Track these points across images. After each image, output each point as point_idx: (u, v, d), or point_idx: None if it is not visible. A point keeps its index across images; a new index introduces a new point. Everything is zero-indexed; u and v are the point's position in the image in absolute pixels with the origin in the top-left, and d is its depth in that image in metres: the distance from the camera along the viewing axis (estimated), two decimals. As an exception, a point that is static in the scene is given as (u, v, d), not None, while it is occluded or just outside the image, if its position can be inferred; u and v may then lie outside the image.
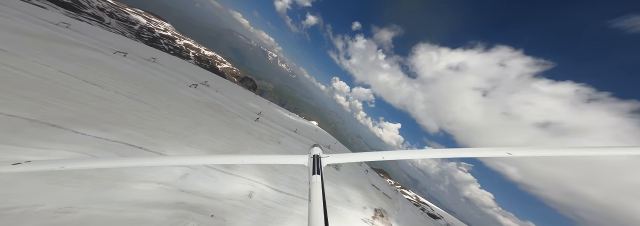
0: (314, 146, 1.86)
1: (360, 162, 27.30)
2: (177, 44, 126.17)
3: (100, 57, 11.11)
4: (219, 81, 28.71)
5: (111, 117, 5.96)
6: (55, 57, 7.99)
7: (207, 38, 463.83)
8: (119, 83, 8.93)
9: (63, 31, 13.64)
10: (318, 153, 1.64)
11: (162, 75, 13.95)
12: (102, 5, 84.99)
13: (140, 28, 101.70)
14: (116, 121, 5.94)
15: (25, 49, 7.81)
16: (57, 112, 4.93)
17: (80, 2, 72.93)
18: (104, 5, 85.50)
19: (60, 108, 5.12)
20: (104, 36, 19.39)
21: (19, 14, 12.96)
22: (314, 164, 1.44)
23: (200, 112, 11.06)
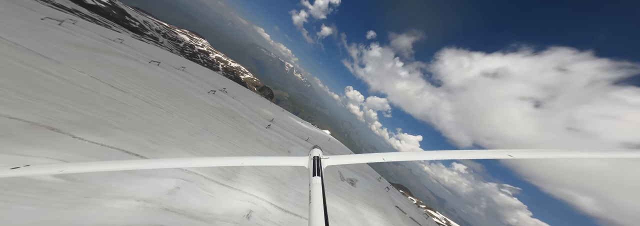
0: (314, 147, 1.79)
1: (379, 178, 24.59)
2: (210, 58, 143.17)
3: (135, 65, 12.06)
4: (238, 89, 30.06)
5: (120, 121, 5.76)
6: (93, 65, 8.64)
7: (234, 52, 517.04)
8: (142, 88, 9.21)
9: (114, 45, 15.58)
10: (318, 155, 1.59)
11: (185, 82, 14.67)
12: (159, 27, 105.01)
13: (184, 45, 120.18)
14: (124, 125, 5.71)
15: (69, 58, 8.37)
16: (68, 115, 4.78)
17: (144, 26, 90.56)
18: (160, 28, 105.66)
19: (72, 112, 5.00)
20: (148, 50, 21.96)
21: (84, 32, 15.18)
22: (315, 166, 1.39)
23: (212, 117, 10.93)
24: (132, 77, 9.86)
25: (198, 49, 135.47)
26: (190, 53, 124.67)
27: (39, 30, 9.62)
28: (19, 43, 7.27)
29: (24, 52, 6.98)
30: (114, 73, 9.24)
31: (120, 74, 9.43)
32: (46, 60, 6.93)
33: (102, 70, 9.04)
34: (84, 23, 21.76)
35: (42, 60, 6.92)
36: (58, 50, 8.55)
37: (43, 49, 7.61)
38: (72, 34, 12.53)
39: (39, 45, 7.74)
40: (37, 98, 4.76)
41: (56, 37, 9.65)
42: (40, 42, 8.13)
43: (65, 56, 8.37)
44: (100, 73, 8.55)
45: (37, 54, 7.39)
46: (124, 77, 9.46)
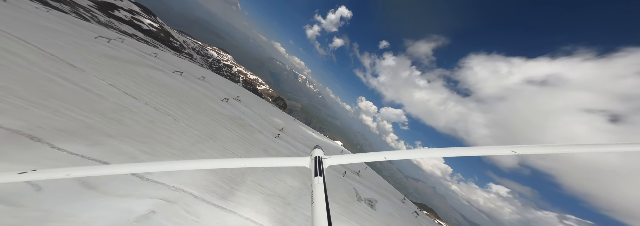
0: (316, 148, 1.73)
1: (403, 199, 21.25)
2: (233, 71, 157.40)
3: (158, 75, 12.63)
4: (252, 98, 30.77)
5: (118, 129, 5.31)
6: (117, 74, 8.96)
7: (254, 65, 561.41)
8: (156, 96, 9.16)
9: (148, 58, 17.05)
10: (320, 155, 1.55)
11: (202, 91, 14.99)
12: (194, 46, 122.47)
13: (212, 61, 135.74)
14: (121, 133, 5.22)
15: (97, 67, 8.62)
16: (62, 122, 4.39)
17: (183, 45, 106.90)
18: (195, 47, 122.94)
19: (69, 119, 4.64)
20: (178, 63, 23.92)
21: (126, 48, 16.89)
22: (316, 166, 1.35)
23: (221, 125, 10.47)
24: (150, 85, 10.03)
25: (224, 64, 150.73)
26: (217, 67, 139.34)
27: (86, 45, 10.66)
28: (55, 54, 7.60)
29: (54, 61, 7.20)
30: (134, 82, 9.39)
31: (140, 82, 9.60)
32: (72, 69, 7.13)
33: (124, 78, 9.20)
34: (131, 41, 24.87)
35: (68, 69, 7.10)
36: (91, 61, 8.96)
37: (76, 59, 8.00)
38: (113, 49, 13.87)
39: (75, 57, 8.19)
40: (39, 105, 4.51)
41: (96, 51, 10.44)
42: (78, 55, 8.67)
43: (93, 66, 8.67)
44: (120, 81, 8.65)
45: (67, 63, 7.62)
46: (143, 85, 9.60)
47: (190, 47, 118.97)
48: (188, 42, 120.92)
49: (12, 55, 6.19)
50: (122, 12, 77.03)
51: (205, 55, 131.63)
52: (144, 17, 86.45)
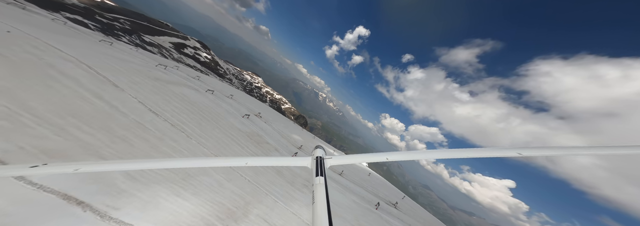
0: (317, 147, 1.68)
1: None
2: (262, 91, 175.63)
3: (191, 93, 13.56)
4: (273, 114, 31.36)
5: (114, 149, 4.87)
6: (154, 92, 9.58)
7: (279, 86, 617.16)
8: (179, 112, 9.20)
9: (190, 80, 19.30)
10: (321, 155, 1.52)
11: (226, 107, 15.42)
12: (234, 71, 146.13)
13: (246, 83, 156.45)
14: (116, 153, 4.71)
15: (137, 87, 9.19)
16: (55, 142, 4.14)
17: (226, 72, 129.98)
18: (234, 72, 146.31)
19: (68, 138, 4.41)
20: (215, 84, 26.77)
21: (176, 73, 19.53)
22: (317, 166, 1.32)
23: (235, 142, 9.75)
24: (179, 102, 10.35)
25: (255, 85, 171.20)
26: (250, 89, 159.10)
27: (141, 70, 12.36)
28: (107, 76, 8.32)
29: (100, 82, 7.77)
30: (164, 99, 9.72)
31: (170, 100, 9.96)
32: (113, 88, 7.64)
33: (156, 96, 9.55)
34: (184, 68, 29.47)
35: (110, 88, 7.56)
36: (135, 81, 9.76)
37: (123, 80, 8.79)
38: (165, 73, 16.04)
39: (123, 78, 9.07)
40: (48, 123, 4.42)
41: (147, 75, 11.81)
42: (127, 77, 9.66)
43: (135, 86, 9.28)
44: (151, 98, 8.92)
45: (112, 84, 8.15)
46: (172, 102, 9.89)
47: (231, 72, 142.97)
48: (230, 69, 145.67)
49: (66, 77, 6.75)
50: (188, 49, 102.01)
51: (241, 78, 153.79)
52: (202, 51, 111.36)
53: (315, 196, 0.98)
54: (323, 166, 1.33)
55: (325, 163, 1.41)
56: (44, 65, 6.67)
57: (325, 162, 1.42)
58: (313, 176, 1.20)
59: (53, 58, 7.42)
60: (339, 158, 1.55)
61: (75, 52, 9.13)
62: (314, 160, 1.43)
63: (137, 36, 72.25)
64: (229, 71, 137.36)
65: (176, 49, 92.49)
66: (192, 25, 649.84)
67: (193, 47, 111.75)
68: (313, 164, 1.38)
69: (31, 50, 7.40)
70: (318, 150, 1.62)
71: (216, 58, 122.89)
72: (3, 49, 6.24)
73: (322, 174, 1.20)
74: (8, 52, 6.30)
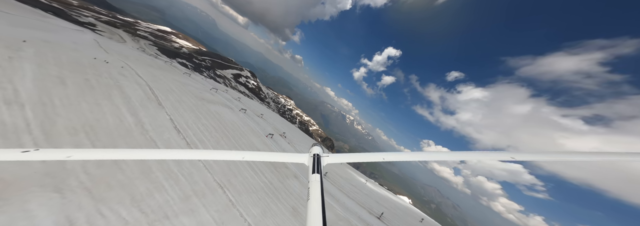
0: (314, 145, 1.71)
1: None
2: (293, 113, 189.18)
3: (224, 111, 14.28)
4: (298, 135, 30.39)
5: (93, 175, 4.12)
6: (190, 110, 10.17)
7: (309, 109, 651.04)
8: (204, 129, 9.14)
9: (231, 101, 21.46)
10: (318, 152, 1.54)
11: (252, 125, 15.36)
12: (272, 95, 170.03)
13: (281, 106, 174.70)
14: (80, 184, 3.89)
15: (178, 105, 9.82)
16: (26, 170, 3.53)
17: (266, 96, 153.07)
18: (272, 96, 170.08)
19: (42, 163, 3.87)
20: (251, 105, 29.28)
21: (222, 94, 22.22)
22: (314, 163, 1.36)
23: (248, 166, 8.61)
24: (209, 120, 10.51)
25: (287, 108, 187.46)
26: (283, 110, 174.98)
27: (193, 91, 14.10)
28: (158, 95, 9.17)
29: (149, 99, 8.32)
30: (197, 116, 9.97)
31: (201, 117, 10.22)
32: (155, 105, 8.15)
33: (191, 113, 9.83)
34: (232, 92, 34.18)
35: (152, 105, 8.03)
36: (181, 101, 10.65)
37: (169, 99, 9.63)
38: (212, 95, 18.21)
39: (170, 97, 9.97)
40: (48, 140, 4.12)
41: (195, 95, 13.24)
42: (175, 95, 10.68)
43: (177, 104, 9.98)
44: (185, 115, 9.14)
45: (157, 101, 8.73)
46: (202, 119, 10.07)
47: (269, 96, 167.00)
48: (269, 93, 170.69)
49: (122, 97, 7.49)
50: (242, 78, 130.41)
51: (277, 101, 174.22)
52: (251, 79, 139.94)
53: (310, 193, 0.99)
54: (320, 163, 1.36)
55: (322, 161, 1.43)
56: (114, 87, 7.80)
57: (322, 160, 1.43)
58: (309, 173, 1.21)
59: (128, 83, 8.84)
60: (335, 157, 1.58)
61: (150, 78, 11.02)
62: (311, 157, 1.45)
63: (212, 71, 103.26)
64: (268, 95, 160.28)
65: (234, 78, 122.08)
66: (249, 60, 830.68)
67: (245, 76, 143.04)
68: (310, 161, 1.40)
69: (117, 76, 8.97)
70: (315, 148, 1.62)
71: (260, 84, 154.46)
72: (93, 75, 7.59)
73: (318, 171, 1.22)
74: (95, 77, 7.60)
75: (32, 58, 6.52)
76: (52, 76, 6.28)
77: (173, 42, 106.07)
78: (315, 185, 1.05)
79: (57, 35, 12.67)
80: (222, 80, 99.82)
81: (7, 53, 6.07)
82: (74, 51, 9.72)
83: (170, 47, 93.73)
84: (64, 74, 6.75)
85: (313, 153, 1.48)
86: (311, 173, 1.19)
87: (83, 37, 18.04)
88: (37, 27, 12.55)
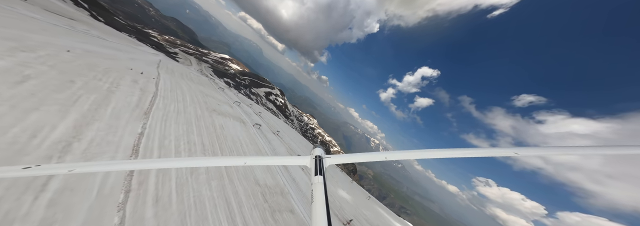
0: (316, 147, 1.72)
1: None
2: (315, 132, 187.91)
3: (232, 124, 13.27)
4: None
5: None
6: (185, 122, 9.46)
7: (331, 129, 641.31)
8: (182, 149, 7.39)
9: (250, 115, 20.96)
10: (320, 154, 1.53)
11: (262, 144, 13.37)
12: (296, 113, 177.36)
13: (303, 124, 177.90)
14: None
15: (173, 115, 8.63)
16: None
17: (291, 113, 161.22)
18: (296, 114, 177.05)
19: None
20: (271, 120, 28.74)
21: (242, 108, 22.24)
22: (317, 165, 1.35)
23: (238, 205, 5.80)
24: (204, 134, 9.44)
25: (310, 126, 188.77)
26: (305, 129, 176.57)
27: (213, 103, 13.63)
28: (155, 101, 8.30)
29: (131, 108, 7.39)
30: (187, 129, 9.20)
31: (195, 130, 9.18)
32: (135, 115, 7.25)
33: (183, 126, 9.21)
34: (255, 106, 35.11)
35: (134, 114, 7.07)
36: (182, 111, 9.84)
37: (168, 109, 8.86)
38: (230, 107, 17.89)
39: (173, 107, 9.26)
40: None
41: (211, 107, 12.69)
42: (180, 106, 10.00)
43: (173, 115, 9.24)
44: (172, 128, 8.48)
45: (145, 111, 7.80)
46: (193, 133, 9.05)
47: (294, 114, 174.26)
48: (294, 111, 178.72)
49: (97, 102, 6.53)
50: (272, 95, 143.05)
51: (300, 119, 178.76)
52: (280, 97, 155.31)
53: (314, 195, 0.99)
54: (322, 165, 1.36)
55: (324, 162, 1.43)
56: (101, 91, 7.12)
57: (324, 161, 1.44)
58: (312, 175, 1.20)
59: (131, 89, 8.41)
60: (337, 157, 1.58)
61: (169, 88, 10.86)
62: (313, 159, 1.45)
63: (249, 89, 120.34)
64: (293, 113, 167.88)
65: (266, 96, 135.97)
66: (281, 81, 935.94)
67: (275, 94, 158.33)
68: (312, 163, 1.40)
69: (127, 83, 8.62)
70: (317, 149, 1.63)
71: (287, 102, 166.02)
72: (92, 79, 7.19)
73: (321, 173, 1.21)
74: (93, 80, 7.09)
75: (43, 60, 6.32)
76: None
77: (227, 66, 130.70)
78: (318, 187, 1.05)
79: (121, 52, 14.87)
80: (255, 97, 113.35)
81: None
82: (110, 60, 10.43)
83: (222, 69, 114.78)
84: (61, 74, 6.20)
85: (315, 155, 1.47)
86: (314, 175, 1.18)
87: (150, 58, 21.88)
88: (111, 47, 15.07)
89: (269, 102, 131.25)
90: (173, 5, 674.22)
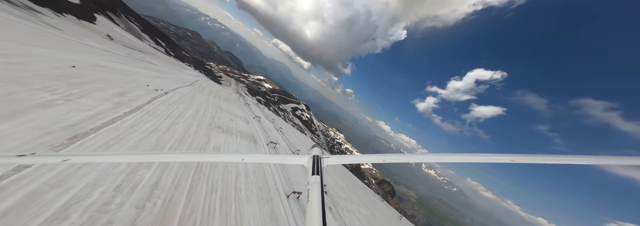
0: (314, 146, 1.71)
1: None
2: (342, 148, 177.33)
3: (237, 144, 11.09)
4: (349, 182, 21.54)
5: None
6: (156, 144, 6.63)
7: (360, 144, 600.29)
8: (170, 178, 4.46)
9: (269, 130, 18.72)
10: (318, 154, 1.54)
11: (271, 171, 10.00)
12: (322, 128, 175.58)
13: (330, 138, 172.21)
14: None
15: (178, 142, 6.86)
16: None
17: (317, 128, 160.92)
18: (322, 129, 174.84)
19: None
20: (292, 136, 26.07)
21: (263, 122, 20.37)
22: (314, 164, 1.36)
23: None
24: (194, 163, 6.34)
25: (337, 141, 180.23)
26: (332, 144, 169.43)
27: (226, 118, 11.77)
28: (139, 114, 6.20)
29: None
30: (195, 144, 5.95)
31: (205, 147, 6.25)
32: None
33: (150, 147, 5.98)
34: (278, 121, 33.77)
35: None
36: (184, 136, 7.65)
37: (146, 124, 6.69)
38: (246, 123, 16.15)
39: (180, 129, 7.12)
40: None
41: (214, 124, 10.96)
42: (169, 120, 8.09)
43: (148, 134, 6.64)
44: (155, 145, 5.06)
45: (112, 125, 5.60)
46: (182, 164, 6.07)
47: (320, 129, 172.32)
48: (319, 126, 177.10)
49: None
50: (299, 111, 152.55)
51: (326, 134, 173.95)
52: (305, 112, 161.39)
53: (310, 194, 0.99)
54: (320, 165, 1.35)
55: (322, 162, 1.41)
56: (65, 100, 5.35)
57: (322, 161, 1.42)
58: (309, 174, 1.21)
59: None
60: (336, 158, 1.57)
61: (181, 100, 9.36)
62: (311, 158, 1.45)
63: (277, 105, 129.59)
64: (319, 128, 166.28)
65: (292, 111, 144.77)
66: (308, 98, 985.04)
67: (301, 109, 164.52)
68: (310, 162, 1.39)
69: (133, 100, 7.10)
70: (315, 149, 1.62)
71: (313, 117, 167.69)
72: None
73: (318, 173, 1.21)
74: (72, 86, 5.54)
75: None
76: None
77: (260, 85, 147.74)
78: (315, 186, 1.04)
79: (150, 71, 15.60)
80: (282, 113, 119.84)
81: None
82: (119, 74, 9.90)
83: (255, 88, 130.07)
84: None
85: (313, 155, 1.48)
86: (311, 175, 1.18)
87: (186, 77, 23.91)
88: (149, 67, 16.12)
89: (295, 118, 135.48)
90: (229, 42, 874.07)
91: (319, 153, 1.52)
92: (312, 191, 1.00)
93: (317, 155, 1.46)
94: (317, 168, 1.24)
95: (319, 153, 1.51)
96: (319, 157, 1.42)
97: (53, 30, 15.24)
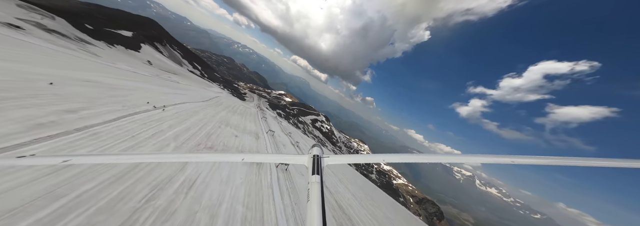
0: (314, 146, 1.73)
1: None
2: None
3: (243, 171, 8.49)
4: (371, 192, 16.93)
5: None
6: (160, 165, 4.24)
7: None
8: None
9: (284, 145, 16.27)
10: (318, 154, 1.55)
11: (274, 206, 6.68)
12: (343, 139, 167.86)
13: (353, 151, 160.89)
14: None
15: None
16: None
17: (338, 140, 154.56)
18: (344, 140, 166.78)
19: None
20: (307, 143, 23.10)
21: (278, 137, 18.09)
22: (314, 164, 1.36)
23: None
24: None
25: (361, 153, 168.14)
26: None
27: (231, 134, 9.85)
28: None
29: None
30: None
31: None
32: None
33: None
34: (295, 134, 31.32)
35: None
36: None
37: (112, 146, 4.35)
38: (253, 139, 14.41)
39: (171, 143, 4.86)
40: None
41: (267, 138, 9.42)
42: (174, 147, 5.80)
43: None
44: None
45: None
46: None
47: (341, 140, 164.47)
48: (341, 137, 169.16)
49: None
50: (318, 122, 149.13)
51: (349, 146, 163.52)
52: (325, 124, 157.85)
53: (310, 194, 1.00)
54: (320, 164, 1.36)
55: (322, 161, 1.43)
56: None
57: (322, 161, 1.43)
58: (309, 174, 1.23)
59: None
60: (336, 158, 1.59)
61: (187, 117, 7.84)
62: (311, 158, 1.46)
63: (297, 118, 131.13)
64: (340, 139, 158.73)
65: (312, 123, 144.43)
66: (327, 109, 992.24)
67: (321, 120, 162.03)
68: (310, 162, 1.40)
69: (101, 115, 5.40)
70: (315, 149, 1.64)
71: (333, 129, 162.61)
72: None
73: (318, 172, 1.22)
74: None
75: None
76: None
77: (281, 99, 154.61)
78: (315, 186, 1.05)
79: (170, 89, 15.43)
80: (302, 125, 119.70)
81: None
82: (122, 90, 9.04)
83: (276, 102, 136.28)
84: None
85: (313, 154, 1.50)
86: (311, 174, 1.19)
87: (206, 94, 24.29)
88: (168, 85, 16.03)
89: (315, 130, 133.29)
90: (256, 63, 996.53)
91: (319, 152, 1.54)
92: (312, 190, 1.00)
93: (317, 154, 1.47)
94: (317, 168, 1.25)
95: (319, 152, 1.54)
96: (319, 157, 1.44)
97: (89, 56, 16.84)
